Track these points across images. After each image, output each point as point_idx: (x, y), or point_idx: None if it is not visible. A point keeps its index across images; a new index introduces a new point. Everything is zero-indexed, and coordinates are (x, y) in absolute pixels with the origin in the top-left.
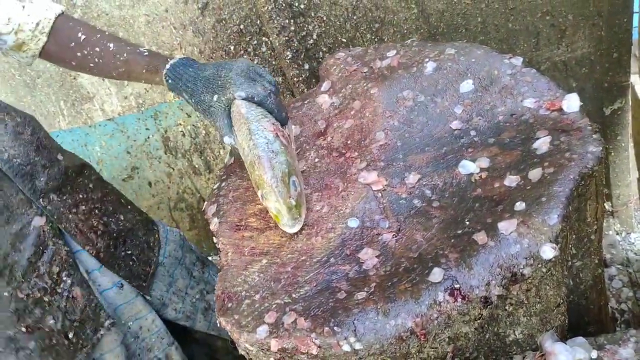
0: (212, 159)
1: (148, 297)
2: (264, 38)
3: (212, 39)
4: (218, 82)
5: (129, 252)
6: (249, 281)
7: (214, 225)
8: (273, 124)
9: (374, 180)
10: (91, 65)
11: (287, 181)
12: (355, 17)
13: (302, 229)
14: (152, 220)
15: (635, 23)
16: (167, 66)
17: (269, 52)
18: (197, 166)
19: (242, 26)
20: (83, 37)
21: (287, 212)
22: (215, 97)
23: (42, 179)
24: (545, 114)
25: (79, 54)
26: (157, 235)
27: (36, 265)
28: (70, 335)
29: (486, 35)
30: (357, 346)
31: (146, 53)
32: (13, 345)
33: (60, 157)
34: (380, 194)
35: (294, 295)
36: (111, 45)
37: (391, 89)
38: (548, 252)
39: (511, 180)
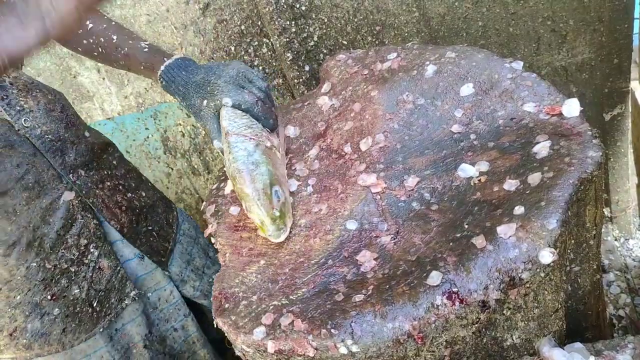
0: (211, 160)
1: (167, 272)
2: (264, 39)
3: (213, 40)
4: (207, 87)
5: (150, 227)
6: (246, 282)
7: (212, 225)
8: (256, 134)
9: (373, 182)
10: (95, 54)
11: (269, 192)
12: (356, 20)
13: (300, 230)
14: (169, 199)
15: (636, 29)
16: (162, 67)
17: (269, 53)
18: (196, 166)
19: (243, 27)
20: (90, 25)
21: (271, 223)
22: (205, 102)
23: (71, 154)
24: (545, 118)
25: (84, 41)
26: (175, 213)
27: (64, 237)
28: (95, 304)
29: (487, 39)
30: (354, 349)
31: (146, 49)
32: (38, 311)
33: (87, 134)
34: (379, 197)
35: (291, 297)
36: (114, 37)
37: (391, 91)
38: (547, 256)
39: (510, 184)
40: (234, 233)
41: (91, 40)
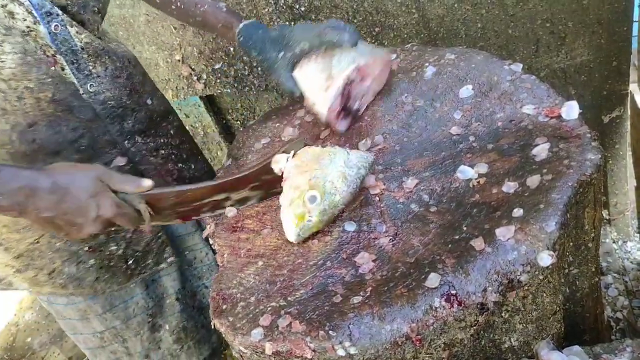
0: (210, 160)
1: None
2: None
3: (211, 40)
4: (283, 41)
5: None
6: (244, 283)
7: (210, 226)
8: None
9: (371, 184)
10: (172, 7)
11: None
12: (355, 21)
13: None
14: (215, 173)
15: (635, 32)
16: (240, 25)
17: None
18: None
19: None
20: None
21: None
22: (281, 54)
23: (129, 121)
24: (544, 120)
25: None
26: None
27: None
28: (130, 262)
29: (486, 41)
30: (352, 351)
31: (224, 9)
32: (75, 258)
33: (149, 101)
34: (377, 198)
35: (289, 298)
36: None
37: (391, 93)
38: (545, 259)
39: (509, 187)
40: (232, 234)
41: None
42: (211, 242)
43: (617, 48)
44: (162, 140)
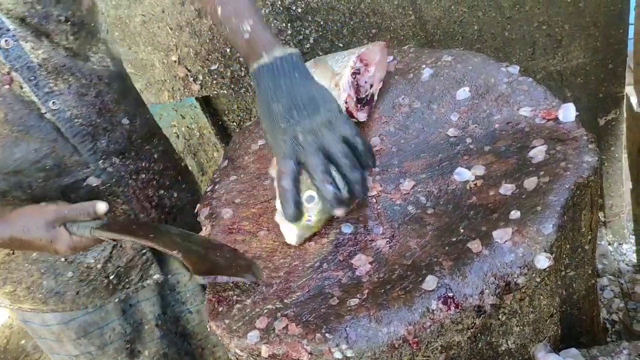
0: (206, 161)
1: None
2: None
3: (208, 41)
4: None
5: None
6: (240, 285)
7: (206, 228)
8: None
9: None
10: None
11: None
12: (352, 22)
13: None
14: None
15: (630, 34)
16: (255, 65)
17: None
18: (190, 168)
19: None
20: None
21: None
22: (281, 134)
23: (103, 141)
24: (541, 122)
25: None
26: None
27: None
28: (111, 277)
29: (482, 43)
30: (349, 353)
31: (247, 35)
32: (53, 270)
33: (125, 121)
34: (374, 200)
35: (285, 301)
36: (219, 9)
37: (387, 94)
38: (542, 261)
39: (506, 189)
40: (229, 236)
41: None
42: None
43: (613, 51)
44: (143, 164)
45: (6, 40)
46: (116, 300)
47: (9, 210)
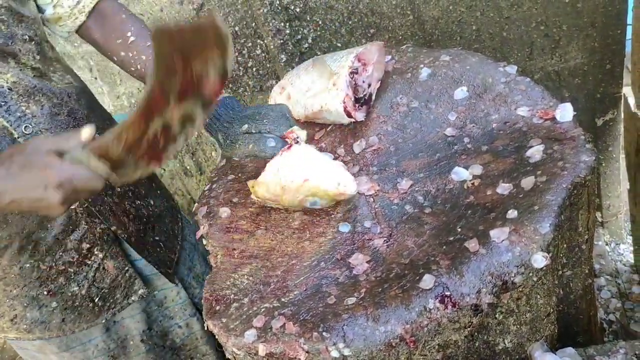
0: (204, 161)
1: (174, 284)
2: (258, 40)
3: None
4: (256, 117)
5: (157, 238)
6: (238, 284)
7: (204, 227)
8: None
9: (366, 185)
10: (132, 69)
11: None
12: (350, 22)
13: (292, 232)
14: (177, 207)
15: (628, 35)
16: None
17: (263, 54)
18: (188, 167)
19: (237, 28)
20: (132, 38)
21: None
22: (246, 127)
23: None
24: (538, 122)
25: (122, 53)
26: (180, 224)
27: (64, 241)
28: (96, 300)
29: (480, 43)
30: (346, 352)
31: None
32: (36, 303)
33: (96, 136)
34: (372, 199)
35: (283, 300)
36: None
37: (386, 94)
38: (539, 260)
39: (504, 188)
40: (226, 234)
41: (130, 55)
42: (205, 242)
43: (610, 51)
44: None
45: None
46: (103, 321)
47: None
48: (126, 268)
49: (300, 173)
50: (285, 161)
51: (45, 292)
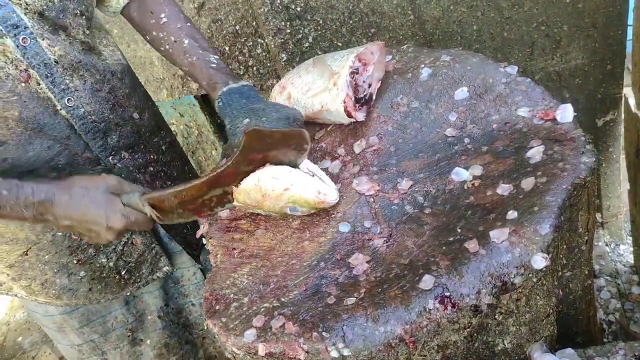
0: (204, 159)
1: (199, 266)
2: (259, 40)
3: (207, 39)
4: (260, 113)
5: None
6: (237, 284)
7: (204, 226)
8: None
9: (366, 185)
10: (162, 49)
11: None
12: (351, 22)
13: (292, 232)
14: None
15: (629, 36)
16: (224, 89)
17: (264, 53)
18: None
19: (237, 27)
20: (164, 20)
21: None
22: (246, 121)
23: (114, 137)
24: (539, 123)
25: (154, 33)
26: None
27: None
28: (123, 273)
29: (481, 43)
30: (346, 352)
31: (214, 65)
32: (65, 270)
33: (136, 115)
34: (372, 199)
35: (282, 299)
36: (186, 41)
37: (386, 94)
38: (539, 261)
39: (504, 189)
40: (226, 234)
41: (161, 35)
42: (205, 242)
43: (611, 52)
44: (152, 157)
45: (24, 38)
46: (127, 294)
47: (63, 177)
48: (153, 245)
49: (280, 182)
50: (267, 172)
51: (75, 261)
